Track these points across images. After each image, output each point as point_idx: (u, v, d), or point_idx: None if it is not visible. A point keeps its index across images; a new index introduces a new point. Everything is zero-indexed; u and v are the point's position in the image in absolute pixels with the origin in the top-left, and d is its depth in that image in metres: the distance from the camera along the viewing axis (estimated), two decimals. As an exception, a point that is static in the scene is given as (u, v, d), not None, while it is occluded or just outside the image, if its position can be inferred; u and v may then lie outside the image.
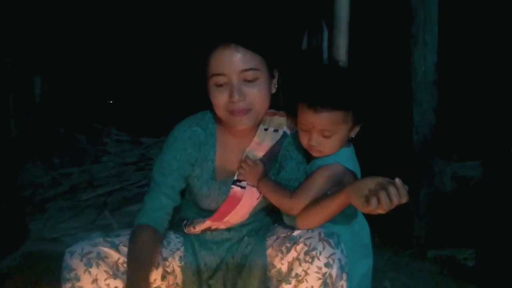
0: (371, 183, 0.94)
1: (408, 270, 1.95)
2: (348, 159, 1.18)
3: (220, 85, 1.12)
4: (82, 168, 3.08)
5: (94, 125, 3.84)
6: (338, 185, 1.13)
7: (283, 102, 1.34)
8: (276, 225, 1.25)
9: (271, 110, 1.26)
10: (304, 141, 1.17)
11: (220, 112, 1.16)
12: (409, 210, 2.10)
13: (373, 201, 0.89)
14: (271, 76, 1.19)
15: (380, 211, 0.90)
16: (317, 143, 1.14)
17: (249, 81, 1.12)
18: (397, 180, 0.90)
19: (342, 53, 1.57)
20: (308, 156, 1.24)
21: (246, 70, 1.11)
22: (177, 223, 1.32)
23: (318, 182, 1.12)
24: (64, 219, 2.38)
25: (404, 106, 2.11)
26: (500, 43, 2.24)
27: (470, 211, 2.12)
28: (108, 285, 1.07)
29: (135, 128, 3.67)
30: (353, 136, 1.20)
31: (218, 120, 1.26)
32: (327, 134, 1.12)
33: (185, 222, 1.28)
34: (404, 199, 0.89)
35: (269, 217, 1.32)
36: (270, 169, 1.24)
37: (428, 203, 2.11)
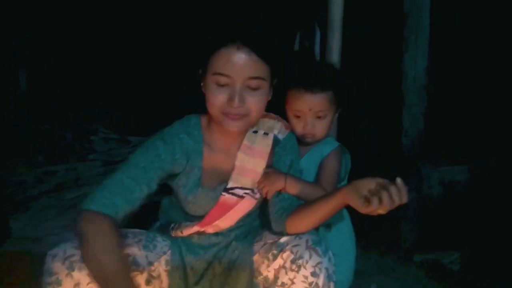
0: (370, 183, 0.94)
1: (395, 273, 1.96)
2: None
3: (221, 85, 1.08)
4: (67, 166, 3.02)
5: (80, 122, 3.77)
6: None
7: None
8: (264, 229, 1.23)
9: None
10: (299, 127, 1.29)
11: (215, 111, 1.12)
12: (396, 213, 2.10)
13: (375, 201, 0.90)
14: (271, 85, 1.17)
15: (381, 211, 0.91)
16: (312, 126, 1.27)
17: (252, 88, 1.09)
18: (398, 180, 0.91)
19: (335, 56, 1.57)
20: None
21: (253, 78, 1.08)
22: (164, 226, 1.29)
23: (336, 166, 1.27)
24: (47, 218, 2.32)
25: (393, 109, 2.12)
26: (491, 50, 2.27)
27: (457, 215, 2.14)
28: None
29: (123, 126, 3.62)
30: (333, 121, 1.37)
31: (205, 124, 1.23)
32: (322, 115, 1.27)
33: (172, 225, 1.25)
34: (405, 199, 0.90)
35: (258, 221, 1.30)
36: None
37: (416, 207, 2.12)
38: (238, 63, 1.06)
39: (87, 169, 2.96)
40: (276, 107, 1.31)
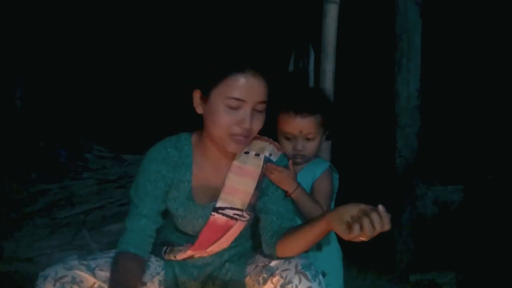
0: (353, 209, 0.93)
1: (391, 294, 1.95)
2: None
3: (233, 108, 1.10)
4: (61, 184, 3.00)
5: (75, 140, 3.77)
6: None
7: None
8: (257, 251, 1.24)
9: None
10: (289, 149, 1.33)
11: (219, 132, 1.12)
12: (392, 233, 2.10)
13: (356, 227, 0.89)
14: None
15: (363, 238, 0.90)
16: (302, 147, 1.32)
17: (258, 111, 1.13)
18: (380, 207, 0.89)
19: (328, 77, 1.59)
20: None
21: (261, 102, 1.11)
22: (157, 246, 1.28)
23: (329, 188, 1.33)
24: (39, 238, 2.30)
25: (387, 130, 2.14)
26: (481, 71, 2.31)
27: (452, 235, 2.14)
28: None
29: (117, 144, 3.61)
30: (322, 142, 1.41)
31: (196, 141, 1.24)
32: (311, 137, 1.32)
33: (165, 248, 1.25)
34: (387, 227, 0.89)
35: (251, 242, 1.30)
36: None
37: (411, 227, 2.12)
38: (252, 89, 1.09)
39: (81, 188, 2.94)
40: (267, 128, 1.32)
